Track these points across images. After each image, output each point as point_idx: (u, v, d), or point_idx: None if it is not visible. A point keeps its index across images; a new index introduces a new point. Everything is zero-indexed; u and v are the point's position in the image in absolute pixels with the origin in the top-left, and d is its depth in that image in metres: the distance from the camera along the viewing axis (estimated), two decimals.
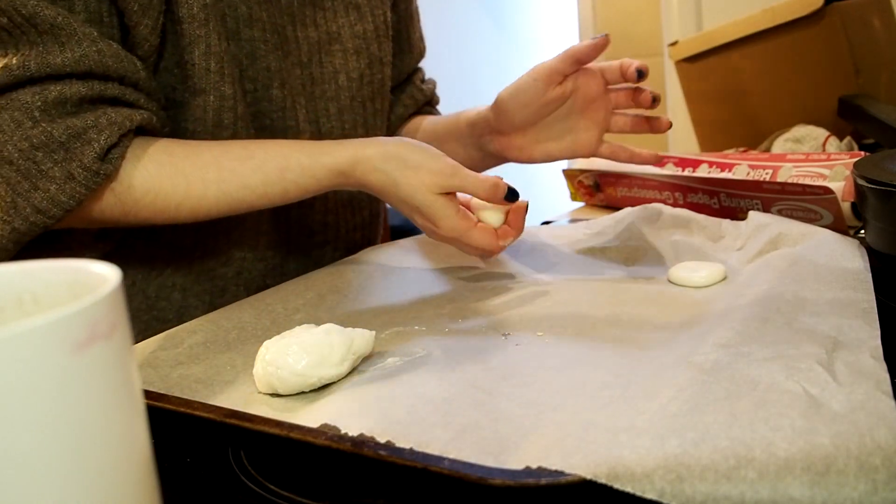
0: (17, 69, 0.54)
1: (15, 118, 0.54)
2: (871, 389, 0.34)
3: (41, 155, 0.54)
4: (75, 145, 0.55)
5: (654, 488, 0.30)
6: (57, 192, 0.55)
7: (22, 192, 0.55)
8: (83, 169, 0.55)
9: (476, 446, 0.35)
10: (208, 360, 0.50)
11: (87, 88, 0.56)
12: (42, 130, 0.54)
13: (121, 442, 0.25)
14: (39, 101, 0.54)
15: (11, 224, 0.56)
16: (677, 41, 1.24)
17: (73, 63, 0.55)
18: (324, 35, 0.72)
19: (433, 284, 0.65)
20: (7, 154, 0.54)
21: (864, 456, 0.30)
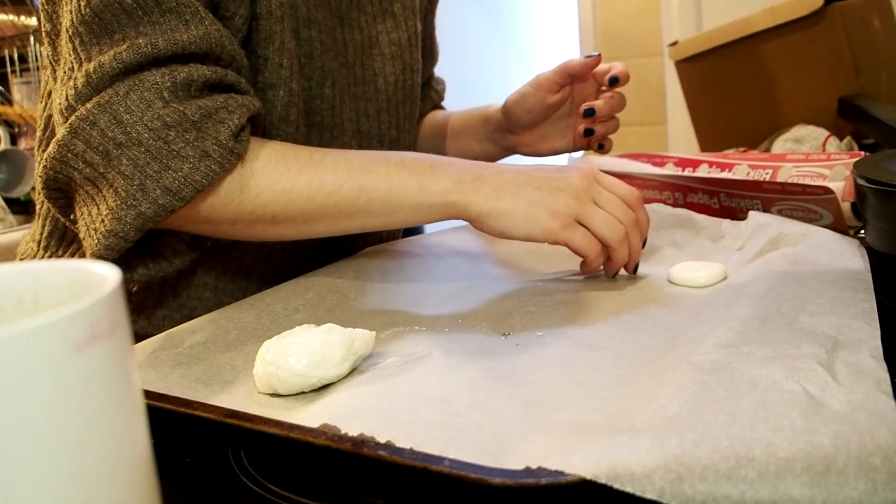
0: (145, 46, 0.53)
1: (145, 98, 0.53)
2: (871, 389, 0.34)
3: (173, 134, 0.53)
4: (207, 125, 0.54)
5: (654, 488, 0.30)
6: (191, 170, 0.53)
7: (151, 173, 0.53)
8: (219, 146, 0.54)
9: (476, 446, 0.35)
10: (208, 360, 0.50)
11: (212, 72, 0.56)
12: (174, 110, 0.53)
13: (121, 442, 0.25)
14: (169, 81, 0.54)
15: (137, 207, 0.53)
16: (677, 41, 1.24)
17: (198, 40, 0.55)
18: (366, 38, 0.76)
19: (433, 284, 0.65)
20: (136, 135, 0.53)
21: (864, 456, 0.30)
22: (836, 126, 1.02)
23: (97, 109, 0.53)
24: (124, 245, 0.54)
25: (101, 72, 0.53)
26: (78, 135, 0.53)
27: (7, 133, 1.68)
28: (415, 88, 0.82)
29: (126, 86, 0.53)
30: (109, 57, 0.53)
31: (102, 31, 0.54)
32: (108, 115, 0.53)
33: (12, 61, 1.74)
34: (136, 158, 0.53)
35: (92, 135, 0.53)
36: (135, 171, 0.53)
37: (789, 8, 1.06)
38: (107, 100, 0.53)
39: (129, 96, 0.53)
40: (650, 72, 2.27)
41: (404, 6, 0.79)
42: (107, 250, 0.54)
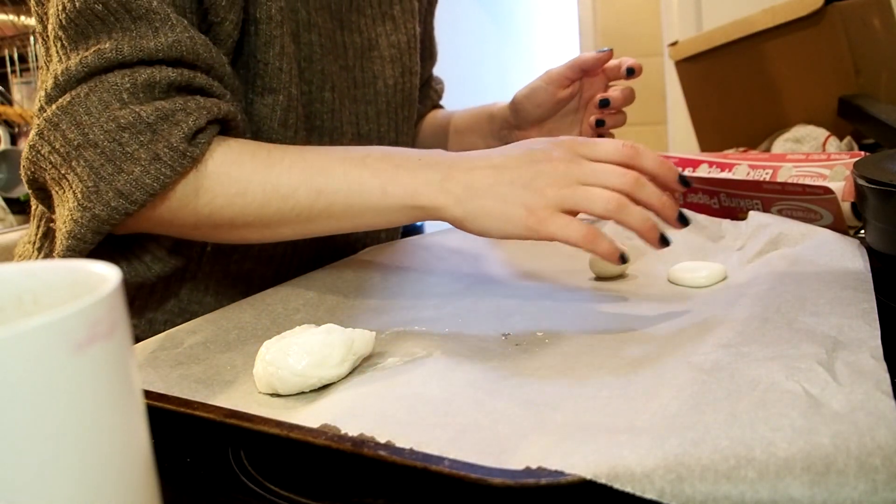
0: (110, 52, 0.53)
1: (103, 99, 0.53)
2: (871, 389, 0.34)
3: (127, 136, 0.52)
4: (162, 127, 0.53)
5: (654, 488, 0.30)
6: (141, 174, 0.52)
7: (105, 175, 0.52)
8: (170, 149, 0.53)
9: (476, 447, 0.35)
10: (208, 360, 0.50)
11: (177, 74, 0.55)
12: (130, 112, 0.53)
13: (121, 442, 0.25)
14: (129, 83, 0.53)
15: (92, 210, 0.53)
16: (677, 41, 1.24)
17: (165, 48, 0.54)
18: (365, 41, 0.75)
19: (433, 285, 0.65)
20: (93, 137, 0.52)
21: (864, 456, 0.30)
22: (836, 126, 1.02)
23: (60, 111, 0.53)
24: (84, 247, 0.54)
25: (67, 74, 0.54)
26: (43, 136, 0.54)
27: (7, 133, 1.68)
28: (413, 91, 0.82)
29: (87, 87, 0.53)
30: (76, 61, 0.54)
31: (79, 35, 0.54)
32: (69, 116, 0.53)
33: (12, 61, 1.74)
34: (92, 160, 0.52)
35: (55, 136, 0.53)
36: (90, 173, 0.52)
37: (789, 8, 1.06)
38: (68, 101, 0.53)
39: (89, 97, 0.53)
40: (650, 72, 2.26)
41: (403, 9, 0.79)
42: (68, 251, 0.54)
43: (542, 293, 0.60)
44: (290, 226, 0.57)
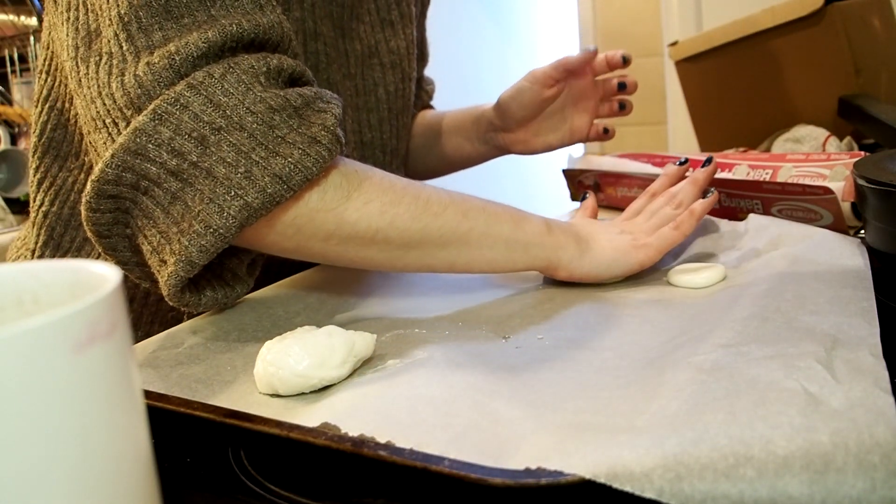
0: (231, 27, 0.49)
1: (243, 81, 0.49)
2: (870, 387, 0.34)
3: (278, 119, 0.48)
4: (308, 112, 0.50)
5: (653, 487, 0.30)
6: (301, 156, 0.48)
7: (258, 159, 0.47)
8: (326, 132, 0.49)
9: (475, 448, 0.35)
10: (208, 360, 0.50)
11: (295, 65, 0.52)
12: (275, 94, 0.49)
13: (121, 442, 0.25)
14: (264, 66, 0.50)
15: (244, 198, 0.47)
16: (677, 41, 1.24)
17: (275, 26, 0.52)
18: (365, 49, 0.75)
19: (434, 288, 0.65)
20: (238, 119, 0.48)
21: (863, 454, 0.30)
22: (836, 126, 1.02)
23: (189, 91, 0.47)
24: (221, 245, 0.48)
25: (185, 52, 0.48)
26: (164, 121, 0.47)
27: (7, 133, 1.68)
28: (411, 96, 0.82)
29: (221, 68, 0.48)
30: (194, 37, 0.49)
31: (168, 13, 0.49)
32: (203, 97, 0.47)
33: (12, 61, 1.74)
34: (240, 143, 0.47)
35: (183, 119, 0.47)
36: (238, 157, 0.47)
37: (789, 8, 1.06)
38: (199, 81, 0.48)
39: (225, 78, 0.48)
40: (650, 72, 2.27)
41: (402, 14, 0.79)
42: (200, 252, 0.48)
43: (542, 296, 0.60)
44: (423, 249, 0.54)
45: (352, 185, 0.51)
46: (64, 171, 0.67)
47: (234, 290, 0.56)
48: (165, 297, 0.51)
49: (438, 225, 0.54)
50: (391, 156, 0.79)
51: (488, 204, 0.57)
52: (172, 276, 0.49)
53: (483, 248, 0.56)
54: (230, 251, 0.54)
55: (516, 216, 0.58)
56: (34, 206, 0.69)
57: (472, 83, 2.26)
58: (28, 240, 0.71)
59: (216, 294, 0.54)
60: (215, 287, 0.55)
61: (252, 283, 0.58)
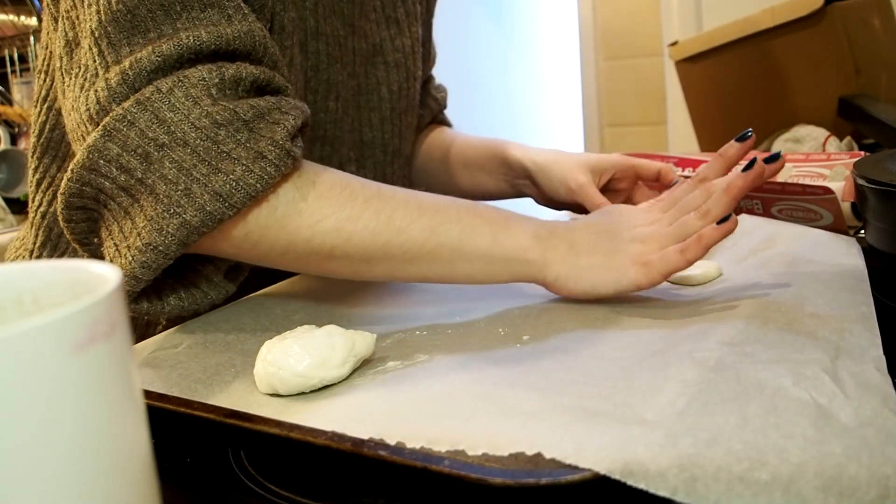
0: (187, 39, 0.48)
1: (191, 95, 0.48)
2: (879, 406, 0.35)
3: (224, 133, 0.47)
4: (260, 125, 0.48)
5: (668, 486, 0.30)
6: (244, 173, 0.47)
7: (198, 176, 0.47)
8: (274, 146, 0.48)
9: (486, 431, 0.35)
10: (208, 359, 0.50)
11: (260, 72, 0.51)
12: (223, 108, 0.48)
13: (121, 442, 0.25)
14: (217, 78, 0.49)
15: (182, 216, 0.46)
16: (677, 41, 1.24)
17: (242, 36, 0.50)
18: (370, 47, 0.74)
19: (432, 291, 0.65)
20: (181, 134, 0.47)
21: (876, 466, 0.30)
22: (836, 126, 1.02)
23: (136, 108, 0.47)
24: (163, 262, 0.48)
25: (138, 67, 0.48)
26: (112, 137, 0.47)
27: (7, 133, 1.68)
28: (416, 96, 0.81)
29: (169, 82, 0.48)
30: (147, 52, 0.48)
31: (135, 28, 0.49)
32: (149, 113, 0.47)
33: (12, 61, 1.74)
34: (181, 160, 0.47)
35: (129, 136, 0.47)
36: (179, 174, 0.47)
37: (789, 8, 1.06)
38: (147, 97, 0.47)
39: (172, 93, 0.47)
40: (650, 72, 2.27)
41: (407, 12, 0.78)
42: (143, 268, 0.48)
43: (543, 292, 0.60)
44: (389, 264, 0.53)
45: (305, 201, 0.50)
46: (62, 172, 0.67)
47: (206, 296, 0.54)
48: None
49: (401, 241, 0.52)
50: (393, 156, 0.78)
51: (466, 214, 0.54)
52: (127, 277, 0.49)
53: (456, 263, 0.53)
54: (204, 258, 0.53)
55: (499, 227, 0.54)
56: (33, 206, 0.69)
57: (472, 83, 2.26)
58: (26, 240, 0.70)
59: (182, 302, 0.53)
60: (182, 295, 0.53)
61: (233, 288, 0.56)
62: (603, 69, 2.38)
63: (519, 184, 0.83)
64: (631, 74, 2.34)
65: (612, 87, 2.38)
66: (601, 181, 0.78)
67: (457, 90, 0.95)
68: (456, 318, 0.55)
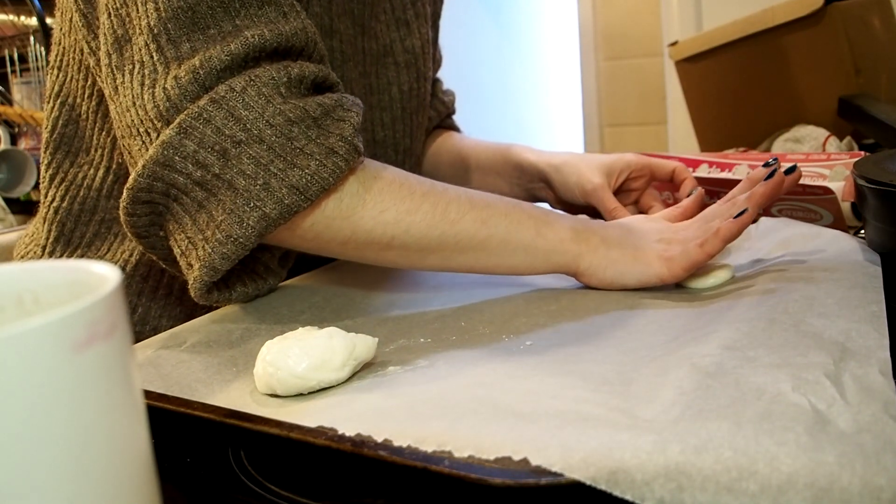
0: (253, 38, 0.51)
1: (263, 93, 0.50)
2: (879, 412, 0.34)
3: (297, 131, 0.50)
4: (327, 121, 0.51)
5: (654, 496, 0.30)
6: (318, 167, 0.50)
7: (276, 171, 0.49)
8: (343, 142, 0.51)
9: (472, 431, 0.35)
10: (210, 358, 0.50)
11: (318, 70, 0.53)
12: (294, 106, 0.50)
13: (121, 442, 0.25)
14: (284, 77, 0.51)
15: (262, 209, 0.49)
16: (677, 41, 1.24)
17: (298, 33, 0.53)
18: (380, 47, 0.75)
19: (439, 285, 0.65)
20: (257, 132, 0.49)
21: (869, 476, 0.29)
22: (836, 126, 1.02)
23: (211, 106, 0.49)
24: (242, 253, 0.50)
25: (209, 66, 0.50)
26: (189, 134, 0.49)
27: (7, 133, 1.68)
28: (427, 96, 0.82)
29: (242, 81, 0.50)
30: (217, 50, 0.50)
31: (195, 25, 0.51)
32: (224, 111, 0.49)
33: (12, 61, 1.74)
34: (259, 156, 0.49)
35: (206, 133, 0.49)
36: (258, 169, 0.49)
37: (789, 8, 1.06)
38: (221, 95, 0.50)
39: (246, 91, 0.50)
40: (650, 72, 2.27)
41: (417, 13, 0.79)
42: (222, 259, 0.50)
43: (548, 296, 0.60)
44: (442, 254, 0.56)
45: (368, 193, 0.53)
46: (75, 167, 0.67)
47: (266, 283, 0.59)
48: (193, 298, 0.53)
49: (455, 232, 0.55)
50: (404, 155, 0.79)
51: (513, 209, 0.57)
52: (198, 281, 0.51)
53: (503, 254, 0.57)
54: (262, 246, 0.56)
55: (541, 221, 0.58)
56: (45, 201, 0.69)
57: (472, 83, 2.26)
58: (38, 236, 0.71)
59: (247, 288, 0.58)
60: (246, 282, 0.57)
61: (284, 273, 0.60)
62: (603, 69, 2.38)
63: (533, 187, 0.83)
64: (631, 74, 2.34)
65: (612, 87, 2.38)
66: (616, 182, 0.78)
67: (457, 90, 0.95)
68: (461, 325, 0.55)
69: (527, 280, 0.65)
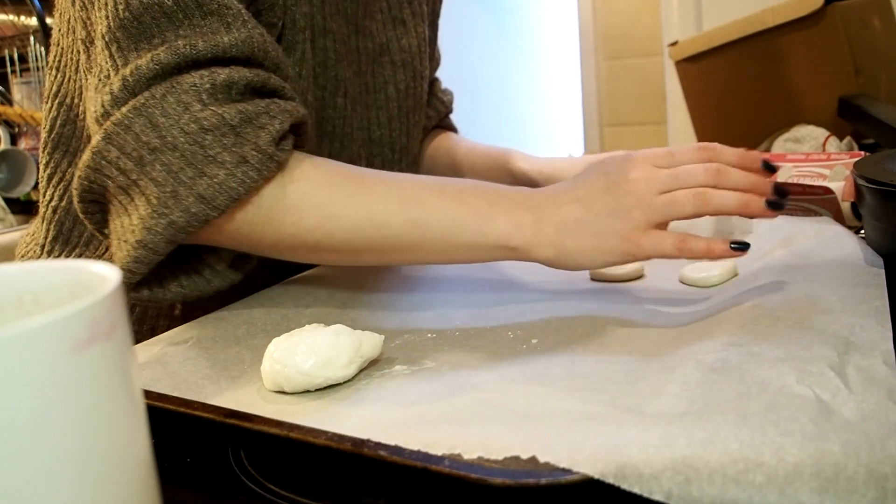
0: (184, 48, 0.51)
1: (182, 100, 0.50)
2: (883, 399, 0.34)
3: (210, 138, 0.50)
4: (247, 130, 0.51)
5: (662, 490, 0.30)
6: (226, 177, 0.49)
7: (185, 179, 0.49)
8: (258, 151, 0.50)
9: (481, 432, 0.35)
10: (217, 355, 0.50)
11: (254, 75, 0.53)
12: (212, 113, 0.50)
13: (121, 442, 0.25)
14: (208, 83, 0.51)
15: (169, 216, 0.49)
16: (677, 41, 1.24)
17: (239, 44, 0.52)
18: (377, 46, 0.75)
19: (444, 279, 0.65)
20: (171, 139, 0.49)
21: (875, 464, 0.29)
22: (836, 126, 1.02)
23: (132, 113, 0.50)
24: (154, 258, 0.51)
25: (137, 75, 0.51)
26: (112, 141, 0.51)
27: (7, 133, 1.68)
28: (424, 95, 0.82)
29: (163, 88, 0.51)
30: (146, 59, 0.51)
31: (141, 34, 0.51)
32: (144, 118, 0.50)
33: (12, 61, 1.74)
34: (170, 164, 0.50)
35: (126, 140, 0.50)
36: (168, 177, 0.50)
37: (789, 8, 1.06)
38: (142, 103, 0.50)
39: (165, 99, 0.50)
40: (650, 72, 2.27)
41: (413, 12, 0.79)
42: (136, 263, 0.51)
43: (554, 294, 0.60)
44: (375, 254, 0.55)
45: (288, 198, 0.52)
46: (73, 167, 0.68)
47: (209, 284, 0.57)
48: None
49: (382, 235, 0.53)
50: (401, 154, 0.79)
51: (451, 204, 0.53)
52: (124, 270, 0.52)
53: (440, 252, 0.54)
54: (206, 247, 0.56)
55: (482, 218, 0.53)
56: (44, 201, 0.69)
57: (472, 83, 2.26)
58: (37, 235, 0.71)
59: (184, 289, 0.56)
60: (183, 282, 0.56)
61: (239, 277, 0.58)
62: (603, 69, 2.38)
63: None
64: (631, 74, 2.34)
65: (612, 87, 2.38)
66: None
67: (457, 90, 0.95)
68: (467, 320, 0.55)
69: (530, 276, 0.65)
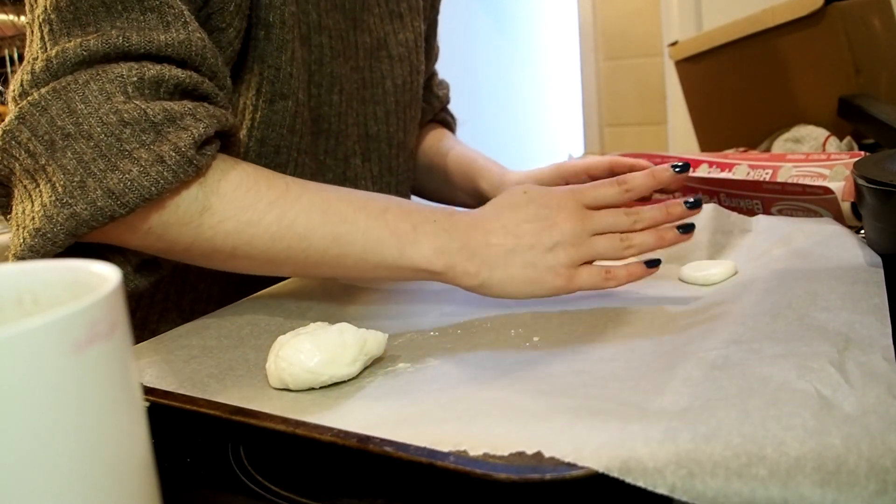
0: (116, 38, 0.49)
1: (105, 90, 0.48)
2: (883, 394, 0.35)
3: (129, 132, 0.47)
4: (168, 129, 0.48)
5: (666, 483, 0.30)
6: (139, 174, 0.47)
7: (96, 171, 0.46)
8: (176, 153, 0.48)
9: (486, 430, 0.36)
10: (221, 354, 0.50)
11: (186, 76, 0.51)
12: (135, 107, 0.48)
13: (121, 442, 0.25)
14: (136, 76, 0.49)
15: (73, 207, 0.46)
16: (677, 41, 1.24)
17: (176, 44, 0.51)
18: (374, 41, 0.75)
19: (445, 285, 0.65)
20: (88, 127, 0.47)
21: (876, 457, 0.30)
22: (836, 126, 1.02)
23: (50, 95, 0.48)
24: (51, 249, 0.47)
25: (62, 57, 0.49)
26: (25, 121, 0.48)
27: None
28: (420, 90, 0.82)
29: (87, 75, 0.48)
30: (75, 44, 0.49)
31: (75, 20, 0.50)
32: (62, 102, 0.48)
33: (12, 61, 1.74)
34: (82, 153, 0.47)
35: (40, 122, 0.47)
36: (78, 166, 0.47)
37: (789, 8, 1.06)
38: (63, 86, 0.48)
39: (88, 85, 0.48)
40: (650, 72, 2.27)
41: (410, 6, 0.79)
42: (31, 252, 0.47)
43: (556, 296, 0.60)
44: (295, 266, 0.53)
45: (209, 200, 0.50)
46: None
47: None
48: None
49: (303, 247, 0.52)
50: (398, 149, 0.79)
51: (374, 224, 0.52)
52: (15, 258, 0.49)
53: (361, 270, 0.54)
54: (115, 248, 0.53)
55: (405, 240, 0.52)
56: None
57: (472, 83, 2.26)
58: None
59: None
60: None
61: (145, 283, 0.54)
62: (603, 69, 2.38)
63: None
64: (631, 74, 2.34)
65: (612, 87, 2.37)
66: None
67: (457, 90, 0.96)
68: (469, 318, 0.55)
69: None
